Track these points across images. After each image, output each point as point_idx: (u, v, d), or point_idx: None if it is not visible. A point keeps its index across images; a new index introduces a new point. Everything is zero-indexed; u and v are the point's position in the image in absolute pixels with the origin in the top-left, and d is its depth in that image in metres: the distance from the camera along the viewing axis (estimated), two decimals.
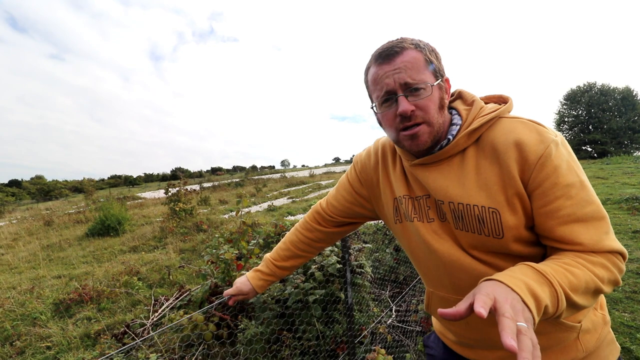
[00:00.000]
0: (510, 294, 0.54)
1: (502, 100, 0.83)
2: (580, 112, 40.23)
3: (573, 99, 40.37)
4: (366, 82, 0.83)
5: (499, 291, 0.54)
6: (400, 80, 0.73)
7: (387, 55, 0.75)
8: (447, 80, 0.81)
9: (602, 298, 0.85)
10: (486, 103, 0.83)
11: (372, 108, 0.84)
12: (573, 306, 0.63)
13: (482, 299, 0.52)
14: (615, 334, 2.45)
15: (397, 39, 0.77)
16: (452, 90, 0.88)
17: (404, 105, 0.73)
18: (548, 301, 0.58)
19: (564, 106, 41.46)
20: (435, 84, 0.75)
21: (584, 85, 40.18)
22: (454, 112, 0.84)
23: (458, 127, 0.79)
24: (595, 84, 39.74)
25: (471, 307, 0.52)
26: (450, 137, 0.79)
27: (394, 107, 0.76)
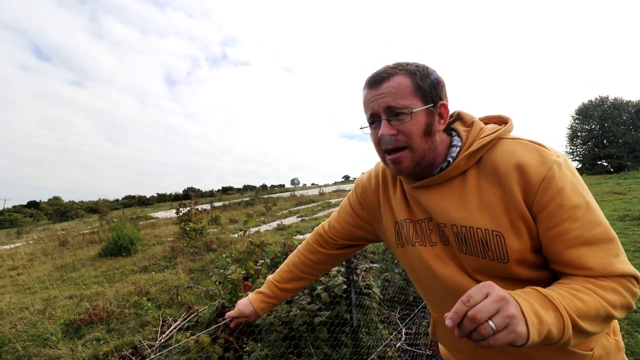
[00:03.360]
0: (509, 300, 0.54)
1: (502, 120, 0.82)
2: (593, 127, 39.65)
3: (585, 113, 39.92)
4: (362, 104, 0.86)
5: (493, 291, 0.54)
6: (383, 104, 0.75)
7: (374, 80, 0.78)
8: (443, 106, 0.79)
9: (615, 323, 0.82)
10: (486, 124, 0.82)
11: (362, 129, 0.85)
12: (582, 333, 0.61)
13: (457, 304, 0.54)
14: (636, 358, 2.32)
15: (392, 65, 0.79)
16: (451, 111, 0.87)
17: (383, 129, 0.76)
18: (552, 326, 0.57)
19: (576, 121, 40.99)
20: (418, 109, 0.75)
21: (596, 99, 39.78)
22: (453, 133, 0.83)
23: (458, 148, 0.79)
24: (607, 97, 39.34)
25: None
26: (450, 159, 0.78)
27: (378, 129, 0.78)
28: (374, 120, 0.79)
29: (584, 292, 0.62)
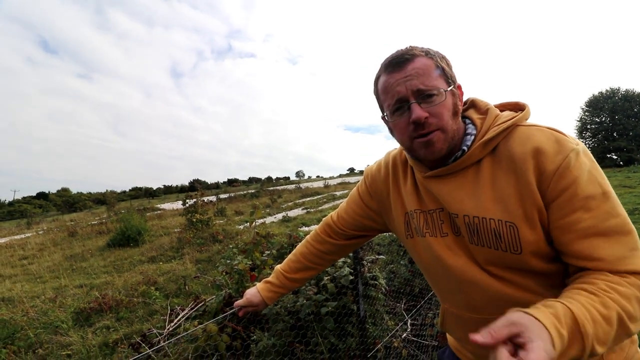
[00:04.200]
0: (541, 330, 0.50)
1: (518, 107, 0.79)
2: (603, 119, 38.99)
3: (595, 105, 39.23)
4: (376, 92, 0.82)
5: (528, 323, 0.50)
6: (412, 87, 0.71)
7: (397, 63, 0.74)
8: (459, 87, 0.79)
9: None
10: (501, 111, 0.80)
11: (383, 118, 0.82)
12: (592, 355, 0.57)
13: (498, 326, 0.50)
14: None
15: (407, 47, 0.76)
16: (464, 99, 0.85)
17: (417, 112, 0.71)
18: (574, 355, 0.54)
19: (586, 113, 40.35)
20: (448, 89, 0.73)
21: (607, 91, 39.03)
22: (467, 121, 0.81)
23: (473, 137, 0.76)
24: (618, 89, 38.57)
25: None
26: (465, 147, 0.76)
27: (406, 114, 0.74)
28: (400, 105, 0.75)
29: (611, 310, 0.57)
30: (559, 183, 0.64)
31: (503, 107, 0.82)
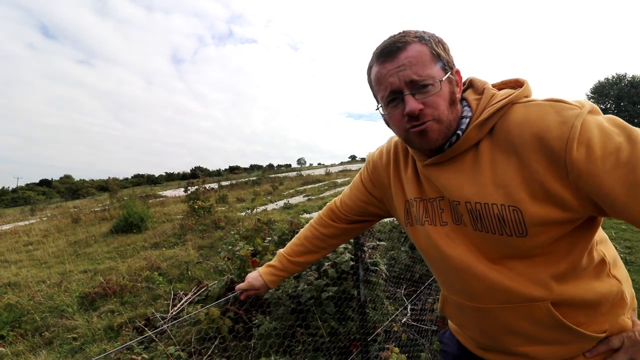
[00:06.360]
0: None
1: (518, 84, 0.76)
2: (609, 106, 38.49)
3: (601, 92, 38.69)
4: (370, 82, 0.79)
5: None
6: (405, 77, 0.69)
7: (389, 52, 0.71)
8: (457, 72, 0.75)
9: (633, 301, 0.79)
10: (500, 89, 0.76)
11: (378, 109, 0.79)
12: None
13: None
14: None
15: (400, 33, 0.73)
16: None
17: (411, 104, 0.69)
18: None
19: (591, 100, 39.77)
20: (444, 78, 0.70)
21: (613, 77, 38.38)
22: (464, 103, 0.78)
23: (468, 119, 0.74)
24: (625, 75, 37.91)
25: None
26: (460, 132, 0.73)
27: (401, 106, 0.71)
28: (394, 96, 0.72)
29: None
30: (576, 154, 0.58)
31: (503, 84, 0.79)
